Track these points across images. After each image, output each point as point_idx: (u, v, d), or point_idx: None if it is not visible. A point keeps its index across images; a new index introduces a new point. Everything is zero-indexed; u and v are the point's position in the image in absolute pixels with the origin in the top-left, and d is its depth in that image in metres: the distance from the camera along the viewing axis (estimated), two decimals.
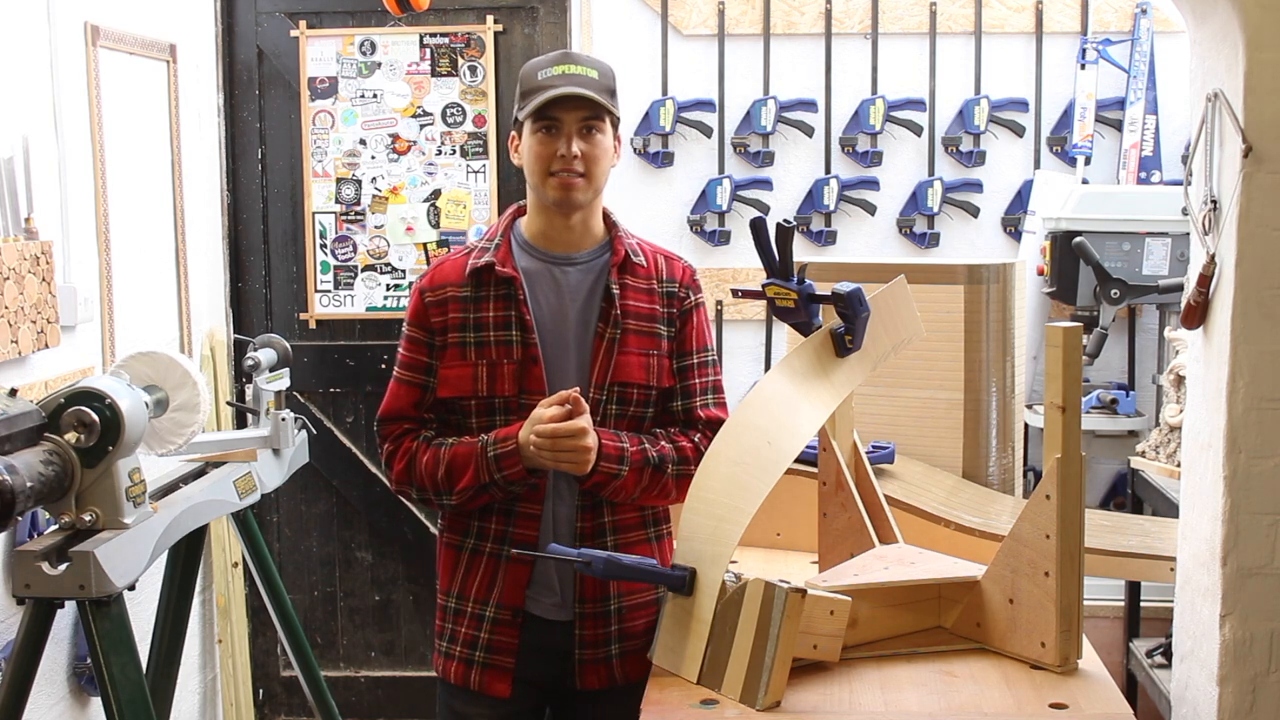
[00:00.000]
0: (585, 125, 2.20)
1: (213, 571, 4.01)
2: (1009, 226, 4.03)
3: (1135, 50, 3.88)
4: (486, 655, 2.26)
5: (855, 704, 1.94)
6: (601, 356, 2.23)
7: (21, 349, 2.88)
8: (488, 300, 2.24)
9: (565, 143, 2.19)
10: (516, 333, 2.22)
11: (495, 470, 2.17)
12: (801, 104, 4.01)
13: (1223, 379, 2.19)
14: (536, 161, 2.21)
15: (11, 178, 2.92)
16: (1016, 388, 3.15)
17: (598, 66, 2.25)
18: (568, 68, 2.21)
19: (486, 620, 2.26)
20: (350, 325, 4.22)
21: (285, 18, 4.13)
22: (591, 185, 2.22)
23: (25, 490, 2.17)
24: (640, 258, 2.30)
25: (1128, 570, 2.76)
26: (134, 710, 2.42)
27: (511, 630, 2.25)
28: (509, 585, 2.24)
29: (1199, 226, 2.29)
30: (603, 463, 2.16)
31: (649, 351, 2.26)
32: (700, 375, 2.32)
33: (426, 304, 2.27)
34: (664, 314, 2.29)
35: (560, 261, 2.28)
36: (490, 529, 2.26)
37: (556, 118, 2.19)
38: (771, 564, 2.69)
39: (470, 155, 4.14)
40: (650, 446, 2.23)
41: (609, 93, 2.23)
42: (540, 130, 2.20)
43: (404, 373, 2.29)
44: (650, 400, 2.27)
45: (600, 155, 2.22)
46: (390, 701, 4.30)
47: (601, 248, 2.30)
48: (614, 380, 2.23)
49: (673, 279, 2.32)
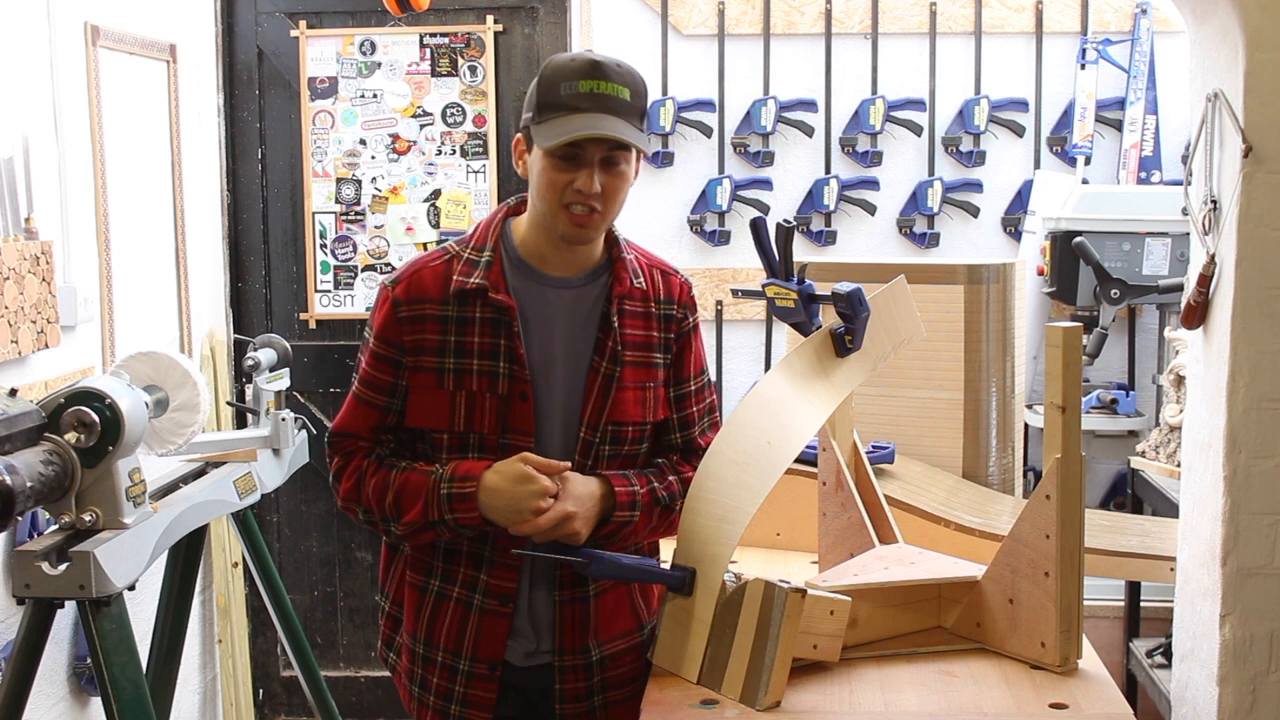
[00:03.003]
0: (609, 157, 1.95)
1: (213, 571, 4.01)
2: (1009, 226, 4.03)
3: (1135, 50, 3.88)
4: (463, 710, 2.09)
5: (855, 704, 1.94)
6: (596, 394, 2.03)
7: (21, 349, 2.88)
8: (472, 324, 2.00)
9: (586, 177, 1.93)
10: (505, 364, 2.00)
11: (447, 510, 1.96)
12: (801, 104, 4.01)
13: (1223, 379, 2.19)
14: (549, 188, 1.95)
15: (11, 178, 2.92)
16: (1016, 388, 3.15)
17: (630, 84, 1.96)
18: (597, 85, 1.92)
19: (461, 674, 2.08)
20: (350, 325, 4.22)
21: (285, 18, 4.13)
22: (606, 219, 2.00)
23: (25, 490, 2.16)
24: (640, 279, 2.09)
25: (1128, 570, 2.76)
26: (134, 710, 2.42)
27: (489, 685, 2.08)
28: (486, 637, 2.06)
29: (1199, 226, 2.29)
30: (616, 511, 2.03)
31: (645, 385, 2.08)
32: (698, 402, 2.18)
33: (399, 319, 2.01)
34: (661, 340, 2.11)
35: (556, 284, 2.05)
36: (458, 573, 2.07)
37: (579, 146, 1.93)
38: (771, 564, 2.69)
39: (470, 155, 4.14)
40: (659, 484, 2.09)
41: (639, 114, 1.97)
42: (559, 156, 1.94)
43: (364, 390, 2.05)
44: (645, 436, 2.11)
45: (620, 186, 1.99)
46: (390, 701, 4.30)
47: (600, 268, 2.08)
48: (609, 420, 2.04)
49: (670, 299, 2.13)
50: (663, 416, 2.13)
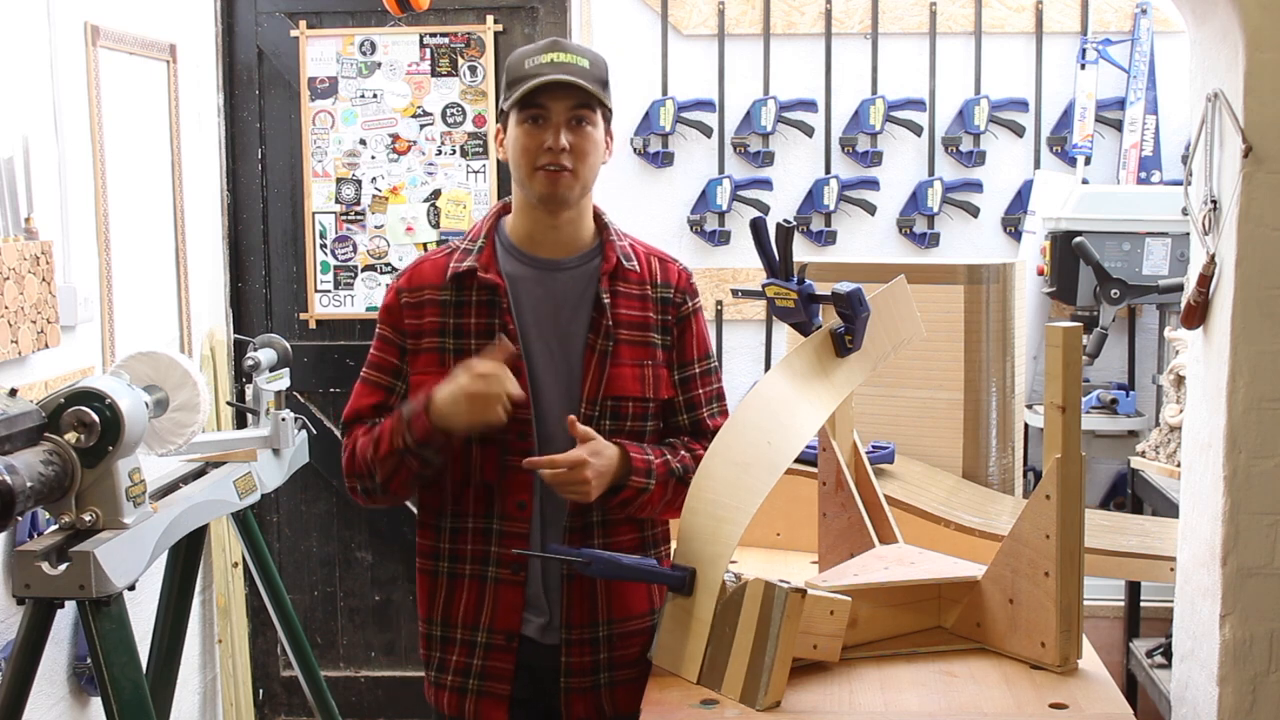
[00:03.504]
0: (574, 116, 2.06)
1: (213, 571, 4.01)
2: (1009, 226, 4.02)
3: (1135, 50, 3.88)
4: (481, 683, 2.15)
5: (855, 704, 1.94)
6: (593, 369, 2.11)
7: (21, 349, 2.88)
8: (469, 306, 2.12)
9: (553, 134, 2.05)
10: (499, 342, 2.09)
11: (405, 431, 2.02)
12: (801, 104, 4.01)
13: (1223, 379, 2.19)
14: (522, 154, 2.08)
15: (11, 178, 2.92)
16: (1016, 388, 3.15)
17: (589, 56, 2.11)
18: (556, 55, 2.07)
19: (479, 646, 2.14)
20: (350, 325, 4.22)
21: (285, 18, 4.13)
22: (579, 181, 2.09)
23: (25, 490, 2.16)
24: (633, 262, 2.17)
25: (1128, 570, 2.76)
26: (134, 710, 2.42)
27: (507, 655, 2.13)
28: (503, 608, 2.13)
29: (1199, 226, 2.29)
30: (632, 477, 2.07)
31: (643, 362, 2.15)
32: (704, 385, 2.23)
33: (402, 304, 2.14)
34: (658, 321, 2.17)
35: (547, 266, 2.15)
36: (466, 550, 2.15)
37: (544, 106, 2.05)
38: (771, 564, 2.69)
39: (470, 155, 4.14)
40: (672, 457, 2.14)
41: (601, 83, 2.10)
42: (527, 121, 2.07)
43: (370, 373, 2.17)
44: (647, 413, 2.16)
45: (590, 149, 2.08)
46: (390, 701, 4.30)
47: (591, 252, 2.17)
48: (607, 394, 2.11)
49: (667, 283, 2.20)
50: (666, 396, 2.19)
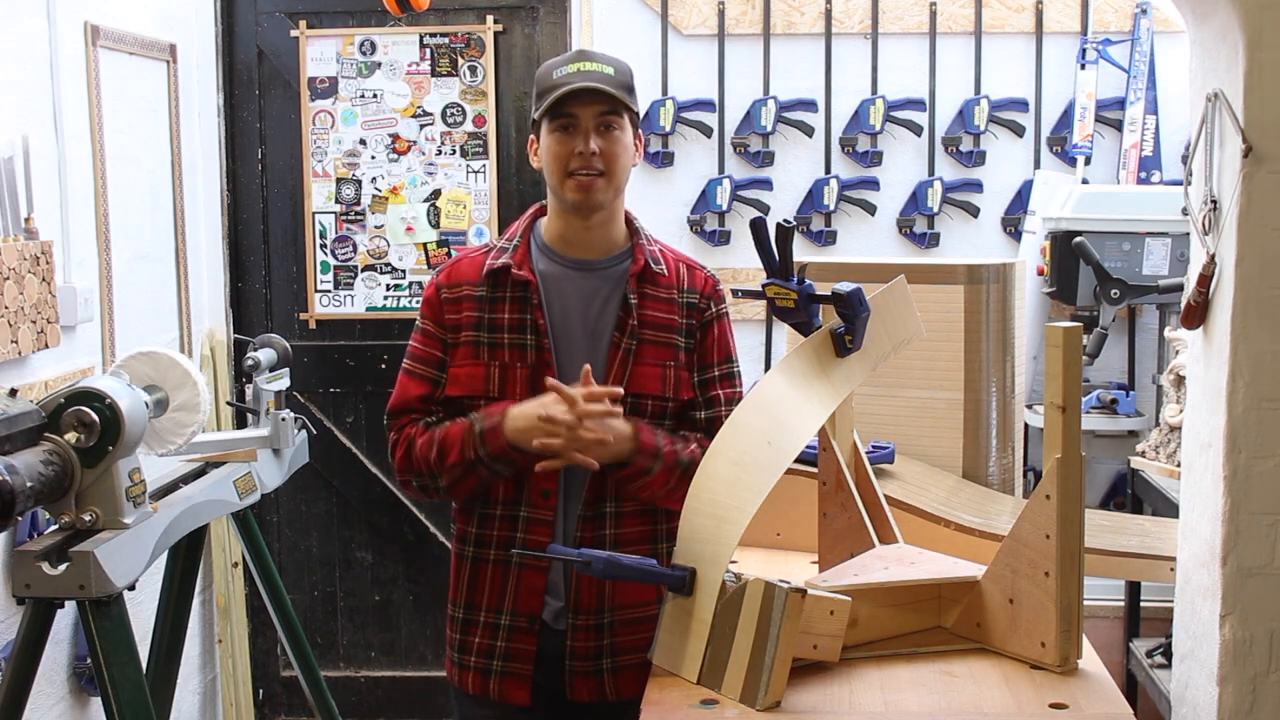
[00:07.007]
0: (603, 122, 2.16)
1: (213, 571, 4.02)
2: (1009, 226, 4.03)
3: (1135, 50, 3.88)
4: (504, 664, 2.24)
5: (855, 704, 1.94)
6: (616, 366, 2.20)
7: (21, 349, 2.88)
8: (503, 302, 2.21)
9: (583, 140, 2.14)
10: (530, 337, 2.20)
11: (479, 444, 2.12)
12: (801, 104, 4.01)
13: (1223, 379, 2.19)
14: (554, 161, 2.17)
15: (11, 178, 2.92)
16: (1016, 388, 3.15)
17: (614, 64, 2.21)
18: (583, 65, 2.18)
19: (503, 629, 2.23)
20: (350, 325, 4.23)
21: (285, 18, 4.13)
22: (611, 184, 2.18)
23: (25, 490, 2.17)
24: (661, 266, 2.26)
25: (1128, 570, 2.75)
26: (134, 710, 2.42)
27: (529, 638, 2.23)
28: (525, 592, 2.22)
29: (1199, 226, 2.28)
30: (639, 455, 2.13)
31: (666, 363, 2.23)
32: (724, 387, 2.29)
33: (442, 299, 2.24)
34: (683, 325, 2.25)
35: (579, 267, 2.24)
36: (493, 536, 2.23)
37: (573, 114, 2.15)
38: (771, 564, 2.69)
39: (470, 155, 4.14)
40: (681, 447, 2.20)
41: (626, 89, 2.20)
42: (557, 129, 2.16)
43: (414, 365, 2.26)
44: (666, 412, 2.24)
45: (620, 152, 2.18)
46: (390, 701, 4.30)
47: (622, 254, 2.26)
48: (628, 391, 2.18)
49: (694, 289, 2.28)
50: (686, 397, 2.26)
